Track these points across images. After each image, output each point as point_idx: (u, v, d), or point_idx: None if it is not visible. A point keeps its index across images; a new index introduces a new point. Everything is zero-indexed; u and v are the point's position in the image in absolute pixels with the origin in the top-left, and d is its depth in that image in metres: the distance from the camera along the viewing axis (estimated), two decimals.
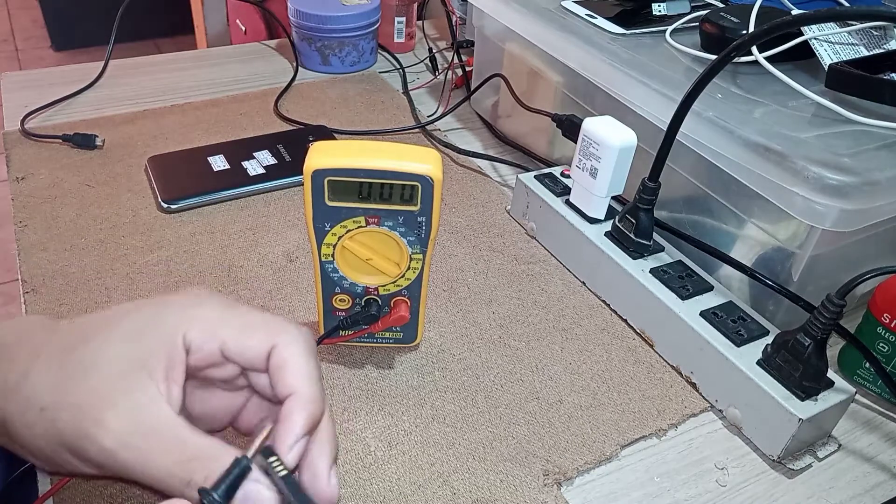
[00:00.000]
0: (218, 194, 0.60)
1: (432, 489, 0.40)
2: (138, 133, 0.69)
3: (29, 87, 0.75)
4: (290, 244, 0.57)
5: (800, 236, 0.46)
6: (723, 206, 0.50)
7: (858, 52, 0.53)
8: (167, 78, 0.80)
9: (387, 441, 0.42)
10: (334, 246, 0.42)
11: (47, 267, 0.52)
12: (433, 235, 0.41)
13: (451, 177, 0.67)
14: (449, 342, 0.49)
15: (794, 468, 0.43)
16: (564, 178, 0.59)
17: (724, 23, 0.54)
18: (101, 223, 0.57)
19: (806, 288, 0.47)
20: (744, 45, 0.42)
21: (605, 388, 0.47)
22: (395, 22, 0.88)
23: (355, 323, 0.45)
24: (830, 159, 0.43)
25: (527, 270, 0.56)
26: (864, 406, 0.48)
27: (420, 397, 0.45)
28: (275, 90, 0.78)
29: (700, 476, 0.42)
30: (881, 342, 0.46)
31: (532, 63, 0.66)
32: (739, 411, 0.44)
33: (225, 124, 0.72)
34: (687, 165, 0.51)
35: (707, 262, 0.51)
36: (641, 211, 0.50)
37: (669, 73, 0.53)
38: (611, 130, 0.50)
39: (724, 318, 0.46)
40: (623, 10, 0.62)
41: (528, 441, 0.43)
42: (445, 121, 0.75)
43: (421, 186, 0.39)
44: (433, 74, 0.86)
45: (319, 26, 0.80)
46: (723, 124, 0.47)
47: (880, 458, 0.45)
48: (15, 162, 0.63)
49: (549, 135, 0.67)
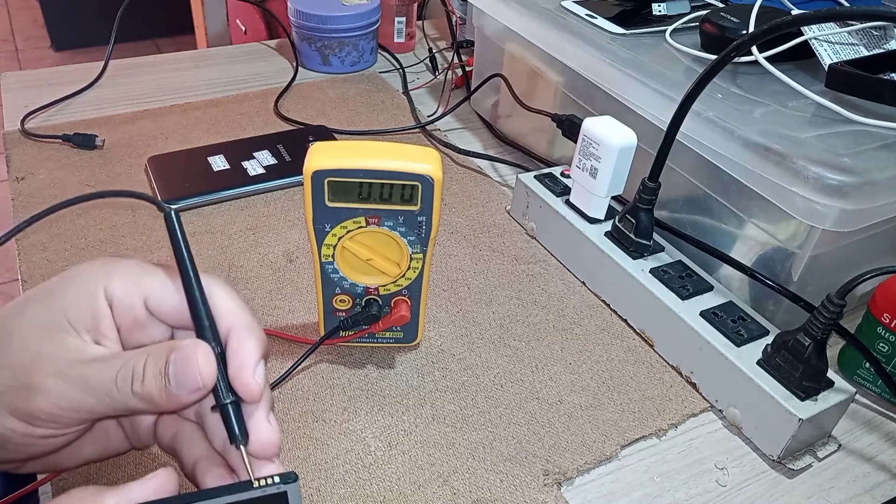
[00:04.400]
0: (218, 194, 0.60)
1: (432, 489, 0.40)
2: (138, 133, 0.69)
3: (29, 87, 0.75)
4: (290, 244, 0.57)
5: (800, 236, 0.46)
6: (723, 206, 0.50)
7: (858, 52, 0.53)
8: (167, 78, 0.80)
9: (387, 441, 0.42)
10: (334, 246, 0.42)
11: (47, 267, 0.52)
12: (433, 235, 0.41)
13: (451, 177, 0.67)
14: (449, 342, 0.49)
15: (794, 468, 0.43)
16: (564, 178, 0.59)
17: (724, 23, 0.54)
18: (100, 223, 0.57)
19: (806, 288, 0.47)
20: (744, 45, 0.42)
21: (605, 388, 0.47)
22: (395, 22, 0.88)
23: (356, 323, 0.45)
24: (830, 159, 0.43)
25: (527, 270, 0.56)
26: (864, 406, 0.48)
27: (420, 397, 0.45)
28: (275, 90, 0.78)
29: (700, 476, 0.42)
30: (881, 342, 0.46)
31: (532, 63, 0.66)
32: (739, 411, 0.44)
33: (225, 124, 0.72)
34: (687, 165, 0.51)
35: (707, 262, 0.51)
36: (641, 211, 0.50)
37: (669, 73, 0.53)
38: (611, 130, 0.50)
39: (724, 318, 0.46)
40: (623, 10, 0.62)
41: (528, 441, 0.43)
42: (445, 121, 0.75)
43: (421, 186, 0.39)
44: (433, 74, 0.86)
45: (319, 26, 0.80)
46: (723, 124, 0.47)
47: (880, 458, 0.45)
48: (15, 162, 0.63)
49: (549, 135, 0.67)
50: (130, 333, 0.32)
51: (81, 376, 0.29)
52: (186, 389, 0.29)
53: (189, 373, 0.28)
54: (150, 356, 0.29)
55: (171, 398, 0.29)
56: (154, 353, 0.29)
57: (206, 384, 0.29)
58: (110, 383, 0.29)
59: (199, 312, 0.30)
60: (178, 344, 0.29)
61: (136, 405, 0.29)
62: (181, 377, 0.28)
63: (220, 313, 0.31)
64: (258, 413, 0.30)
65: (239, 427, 0.29)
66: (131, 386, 0.29)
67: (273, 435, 0.30)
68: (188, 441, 0.32)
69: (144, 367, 0.29)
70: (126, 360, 0.29)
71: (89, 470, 0.39)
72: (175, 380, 0.28)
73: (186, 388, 0.29)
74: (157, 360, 0.29)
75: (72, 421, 0.30)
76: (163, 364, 0.29)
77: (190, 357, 0.29)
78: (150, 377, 0.29)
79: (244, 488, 0.27)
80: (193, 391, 0.29)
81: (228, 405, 0.29)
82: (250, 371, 0.30)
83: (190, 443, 0.32)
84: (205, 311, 0.30)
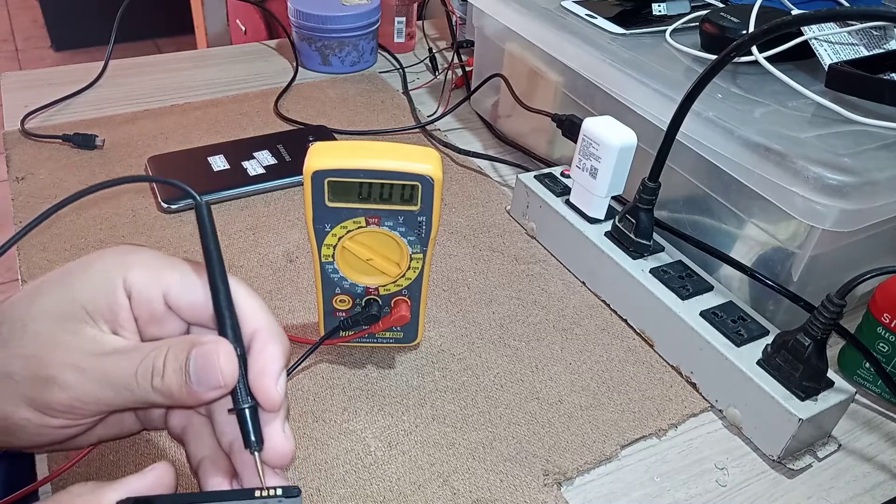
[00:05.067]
0: (218, 194, 0.60)
1: (432, 489, 0.40)
2: (138, 133, 0.69)
3: (29, 87, 0.75)
4: (290, 244, 0.57)
5: (800, 236, 0.46)
6: (723, 206, 0.50)
7: (858, 52, 0.53)
8: (167, 78, 0.80)
9: (387, 441, 0.42)
10: (334, 247, 0.42)
11: (47, 267, 0.52)
12: (433, 235, 0.41)
13: (451, 177, 0.67)
14: (449, 342, 0.49)
15: (794, 468, 0.43)
16: (564, 178, 0.59)
17: (724, 23, 0.54)
18: (101, 223, 0.57)
19: (806, 288, 0.47)
20: (744, 45, 0.42)
21: (605, 388, 0.47)
22: (395, 22, 0.88)
23: (356, 323, 0.45)
24: (830, 159, 0.43)
25: (527, 270, 0.56)
26: (864, 406, 0.48)
27: (420, 397, 0.45)
28: (275, 90, 0.78)
29: (700, 476, 0.42)
30: (881, 342, 0.46)
31: (532, 63, 0.66)
32: (739, 411, 0.44)
33: (225, 124, 0.72)
34: (687, 165, 0.51)
35: (707, 262, 0.51)
36: (641, 211, 0.50)
37: (669, 73, 0.53)
38: (611, 130, 0.50)
39: (724, 318, 0.46)
40: (623, 10, 0.62)
41: (528, 441, 0.43)
42: (445, 121, 0.75)
43: (421, 186, 0.39)
44: (433, 74, 0.86)
45: (319, 26, 0.80)
46: (723, 124, 0.47)
47: (880, 458, 0.45)
48: (15, 162, 0.63)
49: (549, 135, 0.67)
50: (147, 327, 0.31)
51: (101, 370, 0.28)
52: (207, 386, 0.28)
53: (210, 370, 0.28)
54: (171, 350, 0.29)
55: (192, 394, 0.28)
56: (175, 348, 0.29)
57: (228, 383, 0.28)
58: (130, 378, 0.28)
59: (223, 311, 0.29)
60: (199, 339, 0.29)
61: (155, 399, 0.29)
62: (202, 374, 0.28)
63: (245, 315, 0.30)
64: (276, 421, 0.30)
65: (255, 433, 0.29)
66: (151, 381, 0.28)
67: (288, 446, 0.30)
68: (197, 436, 0.32)
69: (165, 362, 0.28)
70: (146, 353, 0.29)
71: (89, 468, 0.39)
72: (196, 376, 0.28)
73: (208, 384, 0.28)
74: (178, 355, 0.28)
75: (89, 413, 0.29)
76: (183, 360, 0.28)
77: (211, 354, 0.28)
78: (170, 373, 0.28)
79: (246, 496, 0.27)
80: (214, 389, 0.28)
81: (246, 410, 0.29)
82: (272, 378, 0.29)
83: (198, 438, 0.32)
84: (229, 311, 0.30)
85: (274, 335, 0.30)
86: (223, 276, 0.30)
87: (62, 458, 0.39)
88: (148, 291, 0.30)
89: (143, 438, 0.41)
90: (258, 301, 0.31)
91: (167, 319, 0.31)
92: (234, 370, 0.29)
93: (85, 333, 0.29)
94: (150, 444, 0.40)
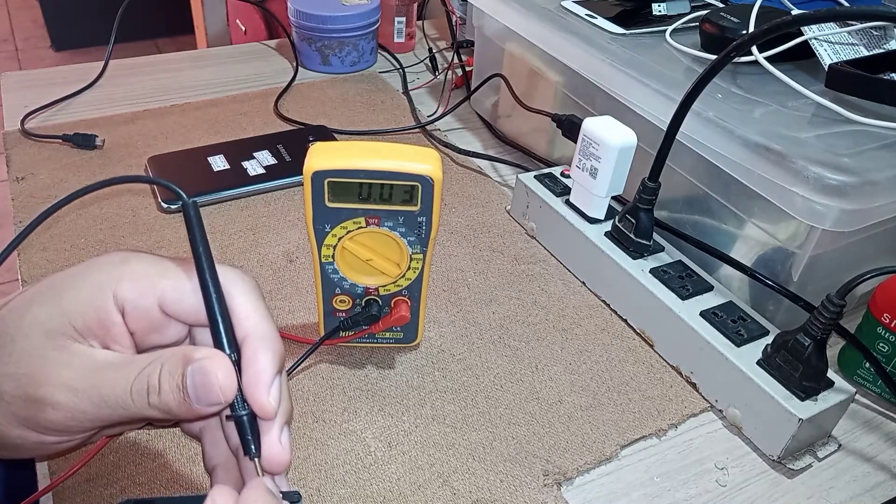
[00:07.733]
0: (218, 194, 0.60)
1: (432, 489, 0.40)
2: (138, 133, 0.69)
3: (29, 87, 0.75)
4: (290, 244, 0.57)
5: (800, 236, 0.46)
6: (723, 206, 0.50)
7: (858, 52, 0.53)
8: (167, 78, 0.80)
9: (387, 441, 0.42)
10: (334, 247, 0.42)
11: (47, 267, 0.52)
12: (433, 235, 0.41)
13: (451, 177, 0.67)
14: (449, 342, 0.49)
15: (794, 468, 0.43)
16: (564, 178, 0.59)
17: (724, 23, 0.54)
18: (101, 223, 0.57)
19: (806, 288, 0.47)
20: (744, 45, 0.42)
21: (605, 388, 0.47)
22: (395, 22, 0.88)
23: (356, 324, 0.45)
24: (830, 159, 0.43)
25: (527, 270, 0.56)
26: (864, 406, 0.48)
27: (420, 397, 0.45)
28: (275, 90, 0.78)
29: (700, 476, 0.42)
30: (881, 342, 0.46)
31: (532, 63, 0.66)
32: (739, 411, 0.44)
33: (225, 124, 0.72)
34: (687, 165, 0.51)
35: (707, 262, 0.51)
36: (641, 211, 0.50)
37: (669, 73, 0.53)
38: (611, 130, 0.50)
39: (724, 318, 0.46)
40: (623, 10, 0.62)
41: (528, 441, 0.43)
42: (445, 121, 0.75)
43: (421, 186, 0.39)
44: (433, 74, 0.86)
45: (319, 26, 0.80)
46: (723, 124, 0.47)
47: (880, 458, 0.45)
48: (15, 162, 0.63)
49: (549, 135, 0.67)
50: (146, 336, 0.31)
51: (94, 387, 0.28)
52: (206, 403, 0.28)
53: (209, 387, 0.28)
54: (165, 366, 0.28)
55: (191, 411, 0.28)
56: (168, 363, 0.28)
57: (227, 398, 0.28)
58: (125, 395, 0.28)
59: (215, 317, 0.29)
60: (193, 354, 0.28)
61: (153, 415, 0.28)
62: (201, 392, 0.28)
63: (238, 318, 0.30)
64: (272, 430, 0.29)
65: (254, 440, 0.29)
66: (147, 399, 0.28)
67: (283, 456, 0.29)
68: (212, 440, 0.32)
69: (160, 380, 0.28)
70: (140, 368, 0.28)
71: (90, 470, 0.39)
72: (194, 394, 0.28)
73: (207, 401, 0.28)
74: (173, 372, 0.28)
75: (86, 429, 0.29)
76: (179, 377, 0.28)
77: (209, 371, 0.28)
78: (166, 390, 0.28)
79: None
80: (213, 405, 0.28)
81: (244, 417, 0.29)
82: (264, 388, 0.29)
83: (213, 444, 0.32)
84: (221, 318, 0.29)
85: (266, 340, 0.30)
86: (214, 278, 0.29)
87: (63, 461, 0.39)
88: (142, 304, 0.29)
89: (143, 438, 0.41)
90: (252, 299, 0.30)
91: (166, 326, 0.31)
92: (232, 385, 0.28)
93: (74, 349, 0.28)
94: (150, 444, 0.40)
